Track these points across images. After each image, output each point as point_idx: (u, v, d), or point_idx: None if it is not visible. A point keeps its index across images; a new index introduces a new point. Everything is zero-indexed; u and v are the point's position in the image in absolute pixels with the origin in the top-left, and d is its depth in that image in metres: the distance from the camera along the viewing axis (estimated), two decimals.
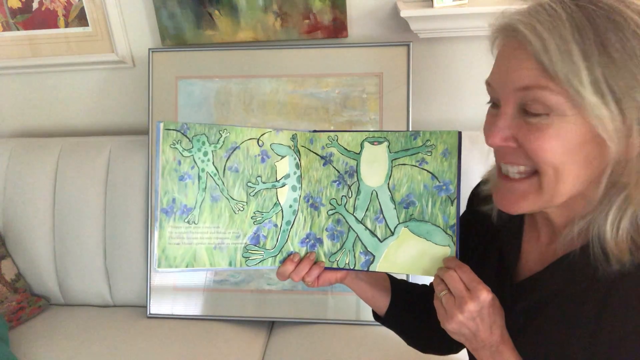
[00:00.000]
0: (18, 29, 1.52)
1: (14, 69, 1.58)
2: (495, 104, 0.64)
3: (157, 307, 1.45)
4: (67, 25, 1.50)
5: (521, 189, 0.62)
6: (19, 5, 1.49)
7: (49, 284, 1.53)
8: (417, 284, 0.94)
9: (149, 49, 1.44)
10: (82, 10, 1.47)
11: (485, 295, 0.67)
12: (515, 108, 0.60)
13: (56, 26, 1.50)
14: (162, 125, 0.75)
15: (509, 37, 0.60)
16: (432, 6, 1.26)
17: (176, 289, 1.45)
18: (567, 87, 0.55)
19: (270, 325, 1.45)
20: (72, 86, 1.61)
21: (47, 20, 1.49)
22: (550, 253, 0.69)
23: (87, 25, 1.49)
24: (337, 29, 1.41)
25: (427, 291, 0.90)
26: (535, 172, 0.61)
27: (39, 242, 1.50)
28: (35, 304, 1.50)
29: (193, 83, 1.44)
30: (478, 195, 0.81)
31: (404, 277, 1.12)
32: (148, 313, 1.45)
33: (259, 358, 1.33)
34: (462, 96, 1.48)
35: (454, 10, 1.25)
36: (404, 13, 1.27)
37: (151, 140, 1.46)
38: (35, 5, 1.48)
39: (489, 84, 0.64)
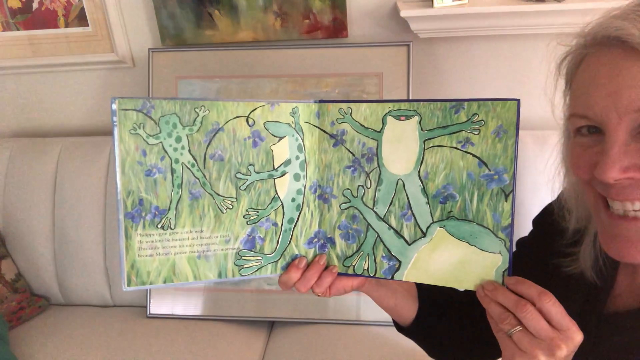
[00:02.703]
0: (18, 29, 1.52)
1: (14, 69, 1.58)
2: (582, 133, 0.54)
3: (157, 307, 1.45)
4: (67, 25, 1.50)
5: None
6: (19, 5, 1.48)
7: (49, 284, 1.53)
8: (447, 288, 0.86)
9: (149, 49, 1.44)
10: (82, 10, 1.47)
11: (580, 337, 0.53)
12: (628, 132, 0.49)
13: (56, 26, 1.50)
14: (117, 103, 0.58)
15: (609, 50, 0.50)
16: (432, 6, 1.26)
17: (176, 289, 1.45)
18: None
19: (270, 325, 1.45)
20: (72, 86, 1.61)
21: (47, 20, 1.49)
22: None
23: (87, 25, 1.49)
24: (337, 29, 1.41)
25: (459, 297, 0.76)
26: None
27: (39, 242, 1.50)
28: (35, 304, 1.50)
29: (193, 83, 1.44)
30: (551, 235, 0.68)
31: None
32: (148, 313, 1.45)
33: (259, 358, 1.33)
34: (462, 96, 1.48)
35: (454, 10, 1.25)
36: (404, 13, 1.27)
37: None
38: (35, 5, 1.48)
39: (583, 115, 0.52)
